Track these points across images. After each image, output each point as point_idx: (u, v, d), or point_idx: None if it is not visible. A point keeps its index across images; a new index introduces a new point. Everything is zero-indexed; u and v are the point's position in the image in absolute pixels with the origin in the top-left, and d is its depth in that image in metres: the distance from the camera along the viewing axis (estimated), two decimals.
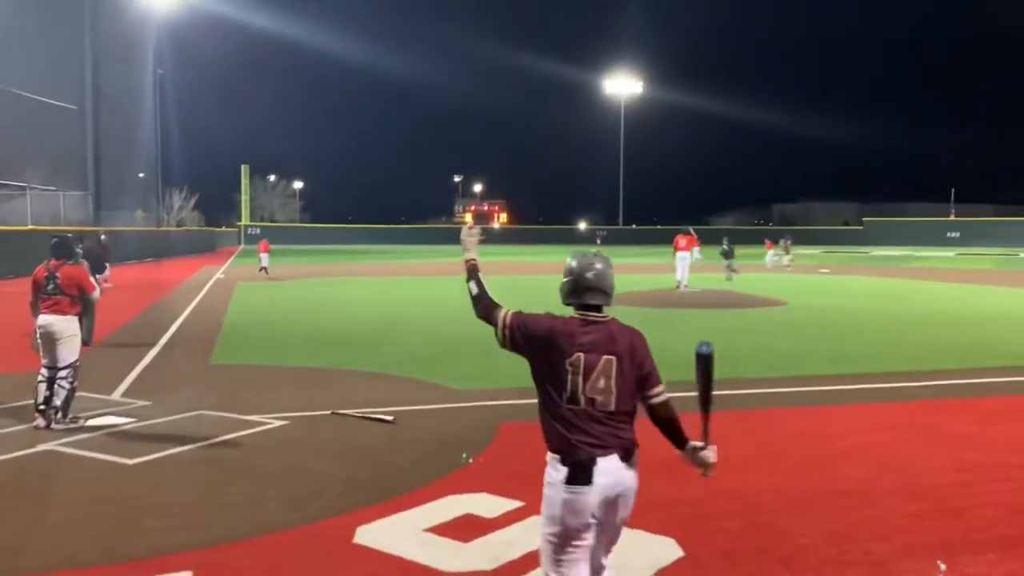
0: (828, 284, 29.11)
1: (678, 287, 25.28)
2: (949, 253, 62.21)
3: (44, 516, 5.56)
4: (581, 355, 3.39)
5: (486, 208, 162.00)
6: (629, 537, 5.12)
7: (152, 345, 13.37)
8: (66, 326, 8.08)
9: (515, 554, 4.85)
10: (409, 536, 5.15)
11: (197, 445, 7.27)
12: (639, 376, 3.59)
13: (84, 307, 8.43)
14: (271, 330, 15.69)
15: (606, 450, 3.44)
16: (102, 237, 25.88)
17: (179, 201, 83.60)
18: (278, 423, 8.10)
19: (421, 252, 58.68)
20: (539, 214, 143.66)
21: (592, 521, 3.37)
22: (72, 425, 7.86)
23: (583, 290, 3.53)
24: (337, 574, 4.68)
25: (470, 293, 3.80)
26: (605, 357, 3.42)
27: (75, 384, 8.05)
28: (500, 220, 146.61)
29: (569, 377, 3.38)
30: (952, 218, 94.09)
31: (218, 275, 32.78)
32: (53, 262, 8.19)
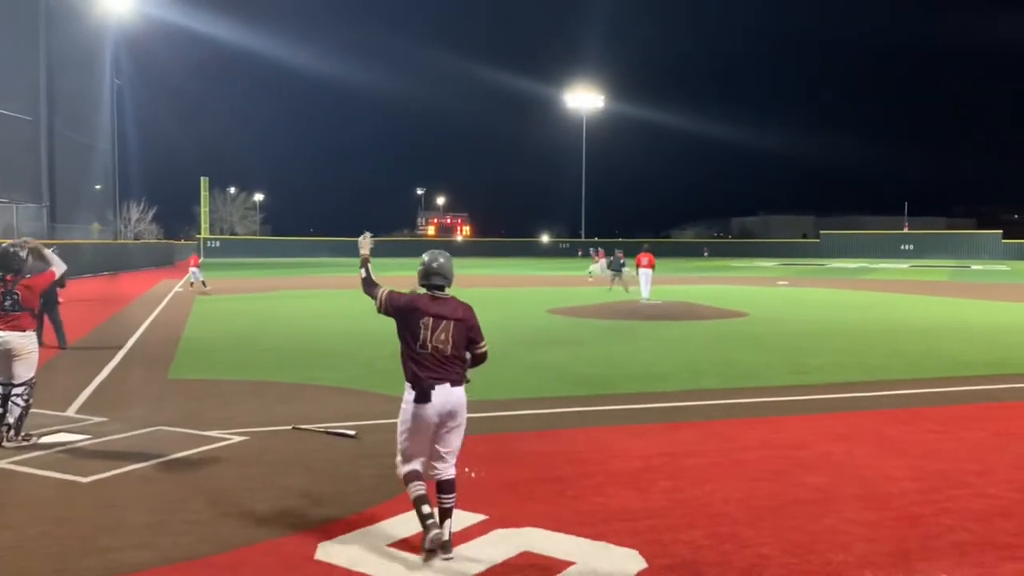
0: (787, 296, 29.51)
1: (639, 300, 25.53)
2: (904, 265, 63.53)
3: None
4: (430, 318, 5.12)
5: (449, 222, 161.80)
6: (592, 548, 5.13)
7: (108, 360, 13.11)
8: (25, 343, 7.87)
9: (478, 568, 4.82)
10: (372, 551, 5.09)
11: (155, 462, 7.13)
12: (468, 336, 5.23)
13: (50, 309, 8.07)
14: (231, 344, 15.48)
15: (441, 381, 5.08)
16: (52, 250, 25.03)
17: (137, 213, 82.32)
18: (238, 439, 7.98)
19: (384, 265, 58.33)
20: (502, 227, 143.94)
21: (433, 422, 5.11)
22: (24, 443, 7.67)
23: (431, 275, 5.26)
24: None
25: (361, 276, 5.62)
26: (445, 320, 5.14)
27: (30, 402, 7.87)
28: (463, 233, 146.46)
29: (421, 332, 5.11)
30: (906, 231, 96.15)
31: (177, 288, 32.29)
32: (9, 277, 7.91)
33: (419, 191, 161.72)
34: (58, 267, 8.62)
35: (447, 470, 5.20)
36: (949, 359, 13.50)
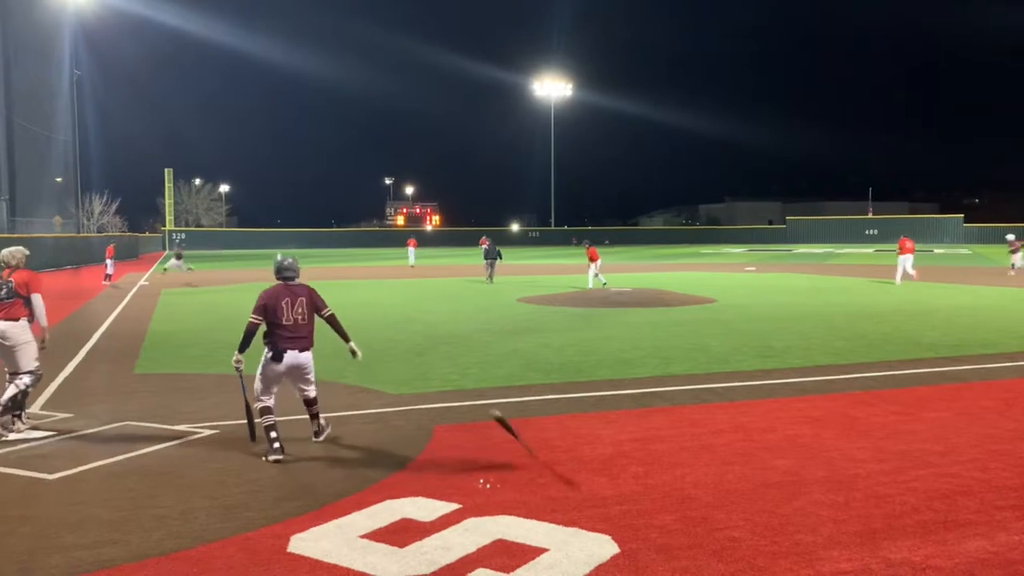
0: (754, 282, 29.80)
1: (603, 286, 25.87)
2: (868, 250, 64.42)
3: None
4: (289, 299, 7.30)
5: (418, 211, 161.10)
6: (565, 535, 5.17)
7: (73, 355, 12.92)
8: (18, 331, 8.06)
9: (452, 557, 4.83)
10: (345, 543, 5.08)
11: (122, 457, 7.05)
12: (315, 307, 7.50)
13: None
14: (198, 338, 15.31)
15: (293, 345, 7.28)
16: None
17: (100, 206, 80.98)
18: (207, 432, 7.91)
19: (352, 256, 58.02)
20: (471, 216, 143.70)
21: (280, 372, 7.34)
22: (17, 435, 7.79)
23: (284, 270, 7.48)
24: None
25: (245, 341, 7.29)
26: (299, 298, 7.35)
27: (28, 390, 8.03)
28: (433, 223, 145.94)
29: (285, 311, 7.24)
30: (870, 216, 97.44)
31: (142, 282, 31.87)
32: (6, 271, 8.18)
33: (387, 181, 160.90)
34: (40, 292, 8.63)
35: (311, 391, 7.53)
36: (912, 341, 13.73)
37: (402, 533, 5.22)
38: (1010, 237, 32.96)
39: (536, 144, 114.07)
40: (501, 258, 30.53)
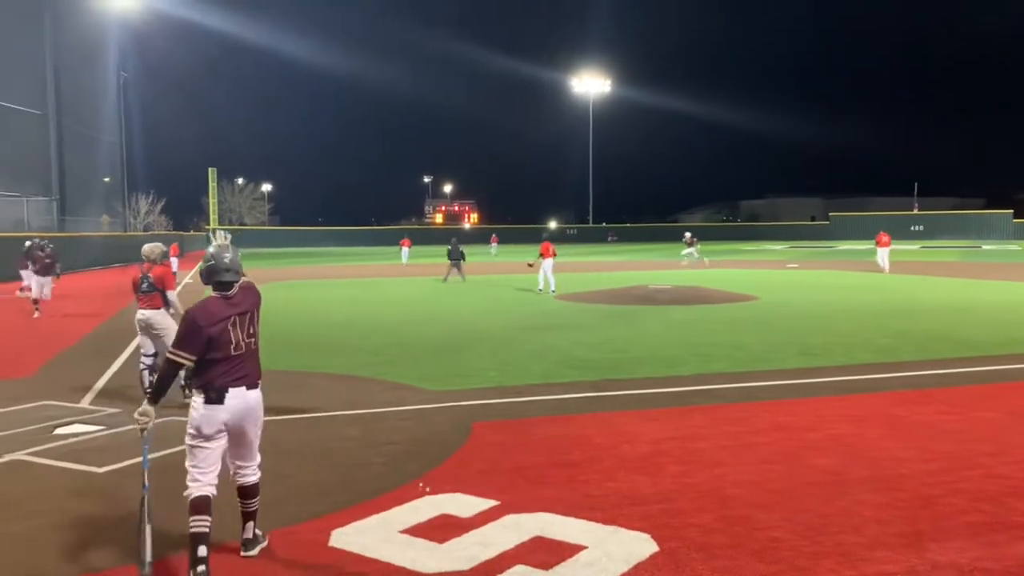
0: (796, 279, 29.42)
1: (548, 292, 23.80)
2: (914, 246, 63.20)
3: (11, 527, 5.46)
4: (235, 317, 4.78)
5: (456, 209, 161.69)
6: (603, 532, 5.15)
7: (121, 352, 13.19)
8: (160, 318, 9.22)
9: (491, 553, 4.84)
10: (385, 538, 5.12)
11: (168, 452, 7.18)
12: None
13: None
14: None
15: (239, 380, 4.77)
16: (27, 243, 24.08)
17: (146, 205, 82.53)
18: None
19: (391, 254, 58.43)
20: (509, 214, 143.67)
21: (224, 431, 4.81)
22: (183, 401, 8.32)
23: (222, 271, 4.77)
24: None
25: (161, 387, 4.74)
26: (247, 313, 4.88)
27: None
28: (471, 220, 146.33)
29: (230, 336, 4.75)
30: (915, 212, 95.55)
31: (187, 280, 32.43)
32: (146, 265, 9.28)
33: (426, 179, 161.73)
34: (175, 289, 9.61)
35: (253, 466, 5.11)
36: (959, 339, 13.45)
37: (441, 529, 5.25)
38: None
39: (574, 141, 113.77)
40: (464, 259, 29.85)
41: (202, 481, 4.70)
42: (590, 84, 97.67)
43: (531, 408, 8.85)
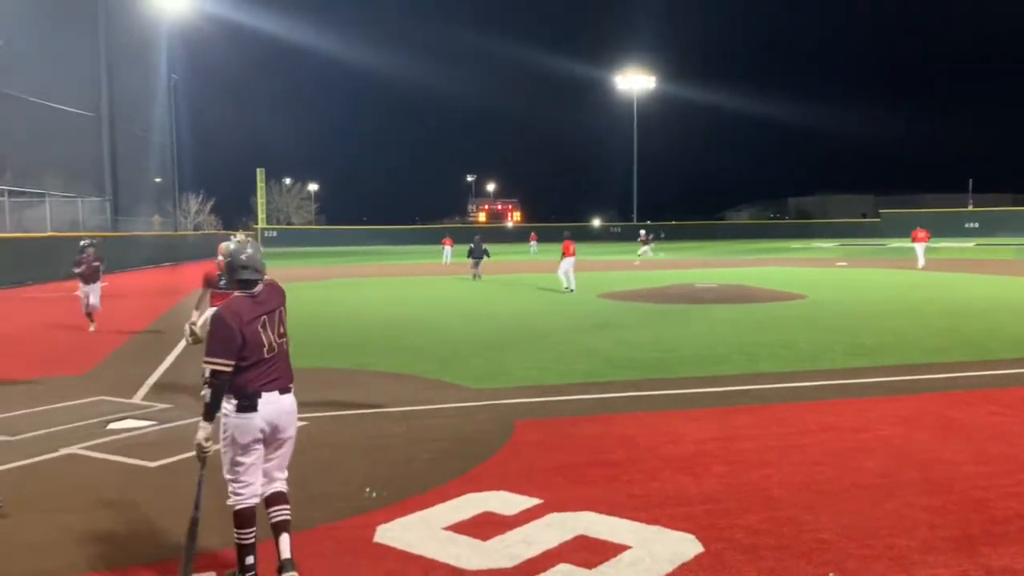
0: (845, 277, 28.92)
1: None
2: (968, 244, 61.68)
3: (68, 519, 5.61)
4: (265, 316, 4.54)
5: (499, 207, 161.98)
6: (647, 532, 5.13)
7: (172, 348, 13.46)
8: None
9: (534, 552, 4.85)
10: (429, 534, 5.16)
11: (218, 446, 7.30)
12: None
13: None
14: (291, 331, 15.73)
15: (272, 383, 4.55)
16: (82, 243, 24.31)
17: (196, 205, 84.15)
18: (298, 423, 8.12)
19: (435, 252, 58.78)
20: (552, 212, 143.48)
21: (261, 439, 4.59)
22: None
23: (243, 267, 4.53)
24: (358, 572, 4.69)
25: (214, 402, 4.47)
26: (275, 311, 4.63)
27: None
28: (513, 219, 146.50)
29: (262, 337, 4.51)
30: (970, 208, 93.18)
31: None
32: (223, 263, 8.84)
33: (469, 178, 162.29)
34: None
35: (282, 476, 4.81)
36: (1013, 340, 13.10)
37: (484, 526, 5.27)
38: None
39: (618, 139, 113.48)
40: (487, 257, 29.79)
41: (245, 493, 4.52)
42: (634, 81, 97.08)
43: (574, 407, 8.84)
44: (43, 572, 4.76)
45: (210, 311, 9.31)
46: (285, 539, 4.47)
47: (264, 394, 4.43)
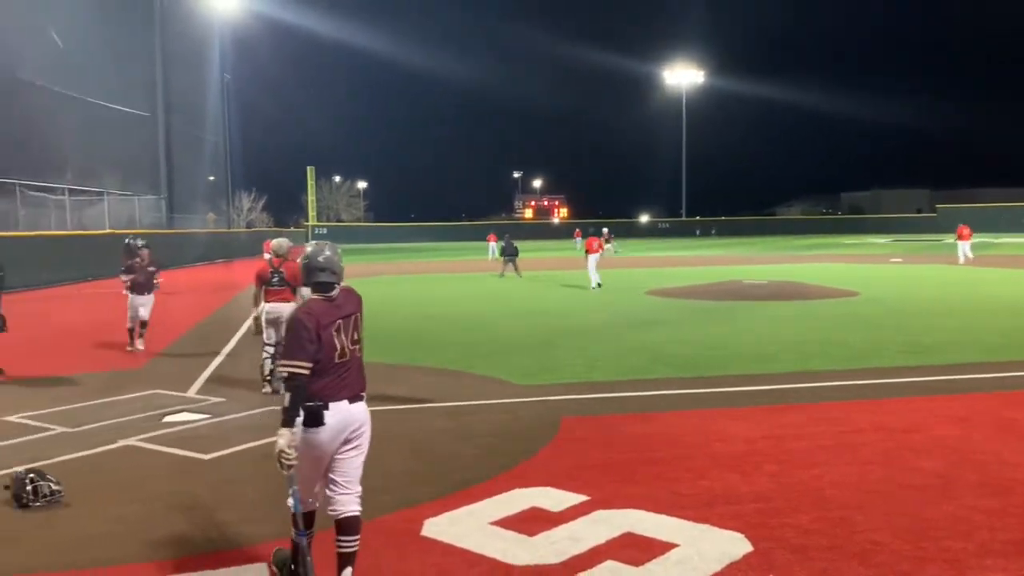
0: (900, 274, 28.31)
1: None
2: None
3: (125, 509, 5.77)
4: (341, 322, 4.43)
5: (546, 204, 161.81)
6: (695, 531, 5.09)
7: (225, 343, 13.72)
8: (290, 311, 9.05)
9: (581, 548, 4.84)
10: (476, 529, 5.19)
11: (269, 440, 7.43)
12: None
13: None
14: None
15: (341, 392, 4.38)
16: (126, 241, 24.65)
17: (248, 203, 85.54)
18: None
19: (482, 248, 59.02)
20: (599, 208, 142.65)
21: (326, 453, 4.38)
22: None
23: (320, 270, 4.41)
24: (405, 566, 4.74)
25: (293, 407, 4.18)
26: (351, 316, 4.55)
27: None
28: (560, 215, 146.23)
29: (336, 343, 4.37)
30: None
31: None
32: (276, 260, 9.68)
33: (516, 174, 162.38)
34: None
35: (354, 494, 4.56)
36: None
37: (531, 522, 5.28)
38: None
39: (666, 134, 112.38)
40: (518, 255, 29.83)
41: (305, 498, 4.39)
42: (682, 75, 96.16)
43: (621, 404, 8.80)
44: (103, 561, 4.89)
45: (265, 307, 9.54)
46: (348, 573, 4.31)
47: (332, 404, 4.28)
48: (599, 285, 23.45)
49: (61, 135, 34.51)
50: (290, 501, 4.24)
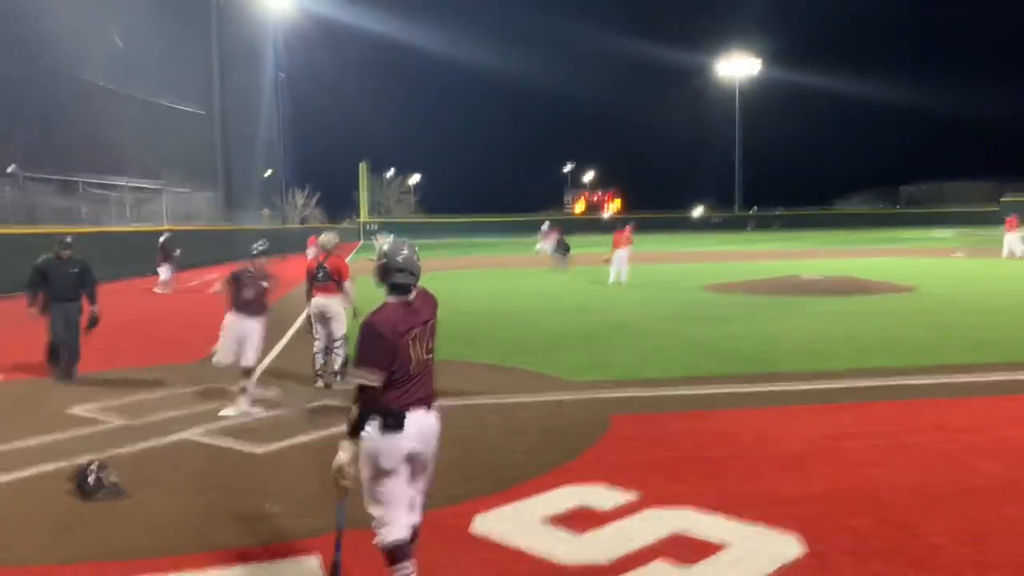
0: (963, 268, 27.54)
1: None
2: None
3: (182, 500, 5.91)
4: (418, 329, 4.07)
5: (596, 198, 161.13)
6: (747, 531, 5.02)
7: (280, 337, 13.93)
8: (336, 306, 9.81)
9: (631, 547, 4.81)
10: (525, 526, 5.19)
11: (323, 434, 7.55)
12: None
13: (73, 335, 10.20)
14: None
15: (418, 400, 4.05)
16: (161, 239, 24.71)
17: (302, 199, 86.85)
18: None
19: (532, 243, 59.10)
20: (651, 202, 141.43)
21: (405, 461, 4.04)
22: (346, 386, 8.78)
23: (399, 270, 4.08)
24: (455, 562, 4.76)
25: (360, 420, 3.93)
26: (428, 323, 4.15)
27: (348, 351, 9.18)
28: (611, 209, 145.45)
29: (411, 351, 4.01)
30: None
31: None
32: (321, 255, 9.90)
33: (566, 168, 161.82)
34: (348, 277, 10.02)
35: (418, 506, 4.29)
36: None
37: (580, 519, 5.26)
38: None
39: (719, 125, 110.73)
40: (569, 251, 30.01)
41: (395, 524, 4.03)
42: (737, 66, 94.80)
43: (671, 402, 8.72)
44: (161, 550, 5.02)
45: (312, 302, 9.81)
46: None
47: (410, 413, 3.97)
48: (619, 283, 22.86)
49: (122, 133, 35.44)
50: (340, 515, 4.08)
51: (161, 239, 24.10)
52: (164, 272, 23.57)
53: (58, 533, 5.35)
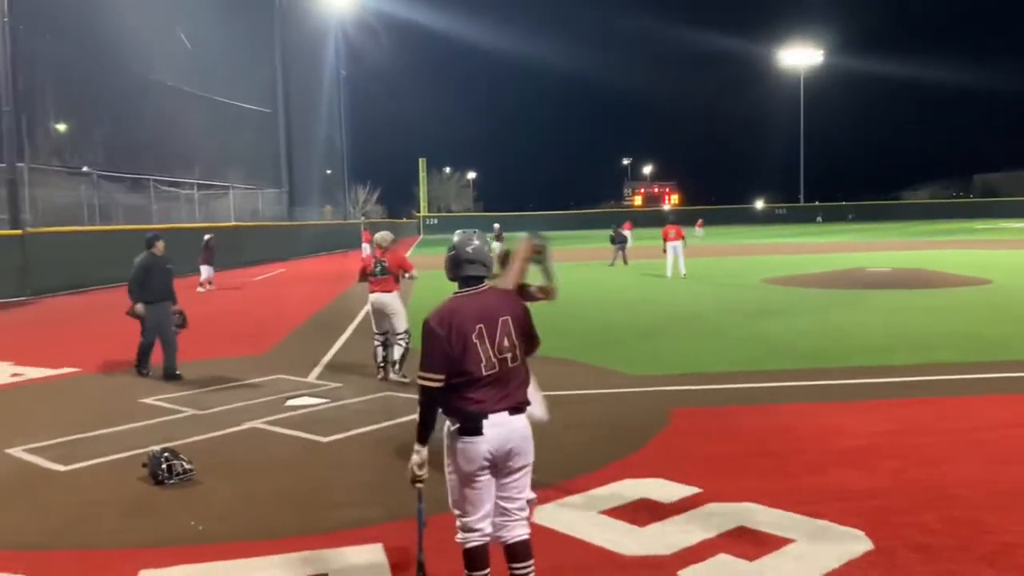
0: None
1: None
2: None
3: (251, 488, 6.07)
4: (484, 325, 3.84)
5: (656, 191, 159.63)
6: (812, 526, 4.95)
7: (343, 331, 14.18)
8: (394, 301, 9.84)
9: (692, 540, 4.78)
10: (586, 518, 5.20)
11: (384, 424, 7.67)
12: (525, 332, 4.02)
13: (164, 331, 10.24)
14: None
15: (498, 404, 3.85)
16: (206, 237, 24.89)
17: (363, 195, 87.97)
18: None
19: (591, 237, 58.74)
20: (711, 195, 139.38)
21: (488, 468, 3.89)
22: (404, 379, 9.24)
23: (467, 262, 3.94)
24: None
25: (425, 422, 3.91)
26: (501, 318, 3.88)
27: (409, 344, 9.42)
28: (671, 202, 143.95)
29: (478, 350, 3.81)
30: None
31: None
32: (379, 251, 9.94)
33: (625, 161, 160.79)
34: (413, 267, 10.21)
35: (523, 516, 4.06)
36: None
37: (641, 512, 5.25)
38: None
39: (783, 116, 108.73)
40: (628, 243, 30.61)
41: (476, 530, 3.90)
42: (800, 55, 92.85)
43: (734, 396, 8.63)
44: (229, 536, 5.17)
45: (370, 297, 9.94)
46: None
47: (491, 415, 3.78)
48: (667, 276, 22.97)
49: (190, 132, 36.30)
50: (420, 517, 4.11)
51: (205, 238, 24.64)
52: (205, 272, 24.12)
53: (131, 517, 5.55)
